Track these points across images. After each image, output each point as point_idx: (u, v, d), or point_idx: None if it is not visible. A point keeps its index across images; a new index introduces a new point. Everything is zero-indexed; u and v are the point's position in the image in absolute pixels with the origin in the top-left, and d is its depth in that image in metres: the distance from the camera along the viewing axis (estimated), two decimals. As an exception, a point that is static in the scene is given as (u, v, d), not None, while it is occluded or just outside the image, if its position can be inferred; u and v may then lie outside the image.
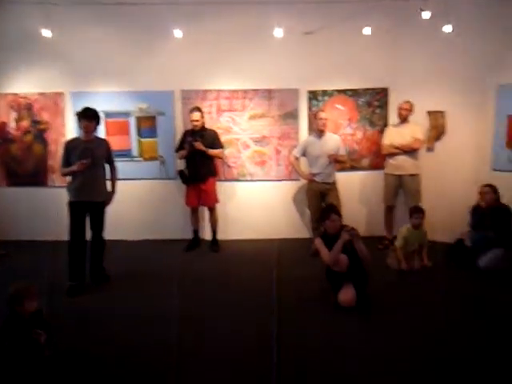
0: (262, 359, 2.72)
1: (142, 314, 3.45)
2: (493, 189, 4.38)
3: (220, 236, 5.42)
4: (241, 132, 5.49)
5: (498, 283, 4.00)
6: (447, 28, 4.35)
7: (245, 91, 5.40)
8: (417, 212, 4.39)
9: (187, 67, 5.30)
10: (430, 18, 4.51)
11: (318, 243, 3.66)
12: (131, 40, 5.28)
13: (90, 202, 3.95)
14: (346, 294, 3.47)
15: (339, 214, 3.72)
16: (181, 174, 5.07)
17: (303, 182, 5.27)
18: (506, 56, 4.60)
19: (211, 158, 5.06)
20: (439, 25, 4.60)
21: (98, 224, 4.07)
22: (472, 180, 4.90)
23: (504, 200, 4.37)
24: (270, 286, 3.99)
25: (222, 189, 5.48)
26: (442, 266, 4.40)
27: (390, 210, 5.14)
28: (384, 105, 5.41)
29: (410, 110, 4.85)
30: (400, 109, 4.87)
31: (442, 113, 5.17)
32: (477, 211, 4.46)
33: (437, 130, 5.21)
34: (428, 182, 5.01)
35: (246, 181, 5.60)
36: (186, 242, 5.31)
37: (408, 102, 4.84)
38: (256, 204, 5.61)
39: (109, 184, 4.18)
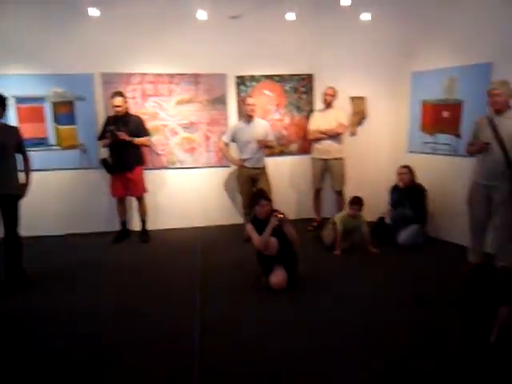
0: (188, 340, 2.76)
1: (69, 312, 3.25)
2: (409, 169, 4.70)
3: (150, 226, 5.26)
4: (168, 118, 5.31)
5: (415, 256, 4.34)
6: (365, 16, 4.52)
7: (171, 75, 5.22)
8: (354, 204, 4.49)
9: (107, 49, 4.98)
10: (350, 5, 4.66)
11: (249, 229, 3.68)
12: (41, 17, 4.83)
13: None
14: (277, 277, 3.54)
15: (269, 199, 3.76)
16: (104, 162, 4.79)
17: (234, 168, 5.26)
18: (418, 44, 4.89)
19: (138, 146, 4.85)
20: (359, 12, 4.77)
21: (12, 219, 3.71)
22: (390, 162, 5.22)
23: (419, 179, 4.72)
24: (200, 272, 3.97)
25: (151, 177, 5.30)
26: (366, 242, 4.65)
27: (317, 193, 5.33)
28: (310, 91, 5.54)
29: (334, 95, 5.01)
30: (324, 94, 5.02)
31: (363, 98, 5.43)
32: (395, 191, 4.77)
33: (359, 116, 5.46)
34: (351, 164, 5.25)
35: (176, 168, 5.46)
36: (113, 235, 5.08)
37: (331, 87, 5.00)
38: (187, 192, 5.51)
39: (22, 175, 3.83)
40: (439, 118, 4.71)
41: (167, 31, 5.04)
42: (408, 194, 4.68)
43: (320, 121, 5.04)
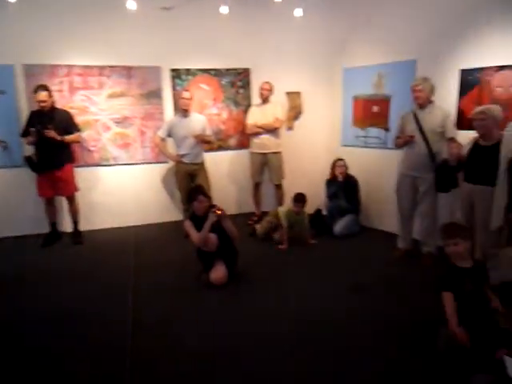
0: (120, 342, 2.69)
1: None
2: (343, 162, 4.89)
3: (85, 226, 4.99)
4: (99, 112, 5.04)
5: (350, 245, 4.53)
6: (298, 12, 4.60)
7: (101, 68, 4.95)
8: (298, 201, 4.56)
9: (29, 38, 4.60)
10: (283, 1, 4.71)
11: (187, 225, 3.62)
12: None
13: None
14: (217, 273, 3.52)
15: (207, 195, 3.71)
16: (28, 160, 4.44)
17: (171, 163, 5.14)
18: (348, 41, 5.07)
19: (67, 143, 4.56)
20: (291, 8, 4.84)
21: None
22: (326, 155, 5.39)
23: (352, 172, 4.92)
24: (137, 272, 3.85)
25: (83, 175, 5.02)
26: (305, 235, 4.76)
27: (257, 187, 5.37)
28: (247, 85, 5.54)
29: (270, 90, 5.05)
30: (261, 89, 5.04)
31: (298, 94, 5.54)
32: (330, 183, 4.94)
33: (295, 110, 5.57)
34: (289, 158, 5.34)
35: (110, 165, 5.21)
36: (42, 237, 4.75)
37: (268, 82, 5.03)
38: (123, 189, 5.29)
39: None
40: (369, 112, 4.94)
41: (95, 20, 4.77)
42: (343, 186, 4.87)
43: (257, 115, 5.07)
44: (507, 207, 3.10)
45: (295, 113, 5.57)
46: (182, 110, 4.74)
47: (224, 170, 5.64)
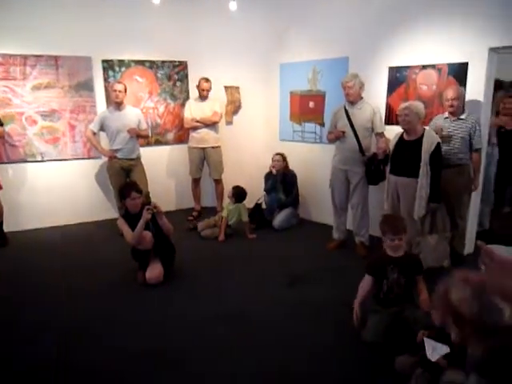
0: (47, 345, 2.54)
1: None
2: (282, 157, 4.95)
3: (10, 228, 4.63)
4: (24, 105, 4.69)
5: (289, 238, 4.61)
6: (232, 5, 4.57)
7: (24, 57, 4.60)
8: (234, 193, 4.61)
9: None
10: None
11: (120, 223, 3.48)
12: None
13: None
14: (153, 271, 3.43)
15: (140, 191, 3.59)
16: None
17: (105, 159, 4.91)
18: (285, 36, 5.12)
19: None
20: (227, 0, 4.79)
21: None
22: (265, 150, 5.42)
23: (290, 166, 5.00)
24: (69, 274, 3.65)
25: (8, 172, 4.66)
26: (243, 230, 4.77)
27: (196, 182, 5.29)
28: (184, 78, 5.43)
29: (210, 90, 4.97)
30: (200, 89, 4.94)
31: (237, 88, 5.52)
32: (269, 177, 4.99)
33: (234, 105, 5.54)
34: (228, 153, 5.33)
35: (37, 161, 4.87)
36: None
37: (207, 81, 4.94)
38: (53, 187, 4.97)
39: None
40: (306, 108, 5.04)
41: (17, 6, 4.42)
42: (281, 179, 4.94)
43: (196, 110, 4.98)
44: (429, 198, 3.31)
45: (234, 107, 5.55)
46: (115, 103, 4.54)
47: (162, 165, 5.50)
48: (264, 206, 5.05)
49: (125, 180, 4.67)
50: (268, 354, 2.51)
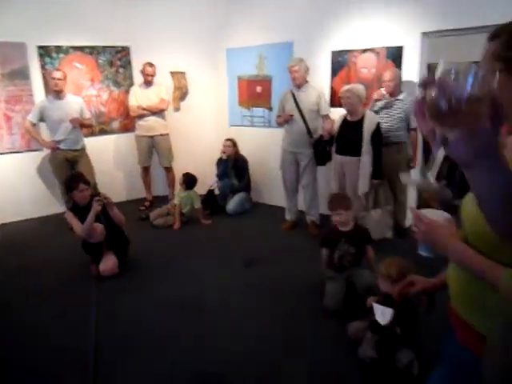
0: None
1: None
2: (232, 142, 4.98)
3: None
4: (-50, 95, 4.35)
5: (243, 222, 4.69)
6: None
7: None
8: (185, 180, 4.59)
9: None
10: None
11: (69, 217, 3.37)
12: None
13: None
14: (107, 263, 3.37)
15: (88, 183, 3.48)
16: None
17: (46, 151, 4.67)
18: (230, 21, 5.10)
19: None
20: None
21: None
22: (215, 135, 5.43)
23: (241, 151, 5.05)
24: (14, 274, 3.49)
25: None
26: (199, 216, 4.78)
27: (146, 171, 5.20)
28: (127, 64, 5.27)
29: (154, 75, 4.86)
30: (144, 73, 4.82)
31: (183, 74, 5.44)
32: (221, 163, 5.01)
33: (180, 91, 5.47)
34: (178, 140, 5.27)
35: (-30, 156, 4.56)
36: None
37: (150, 65, 4.82)
38: (-10, 183, 4.68)
39: None
40: (254, 92, 5.08)
41: None
42: (233, 165, 4.98)
43: (141, 97, 4.86)
44: (371, 175, 3.51)
45: (181, 93, 5.47)
46: (54, 92, 4.32)
47: (109, 155, 5.33)
48: (217, 191, 5.08)
49: (70, 172, 4.49)
50: (226, 335, 2.59)
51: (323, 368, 2.27)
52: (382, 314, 2.12)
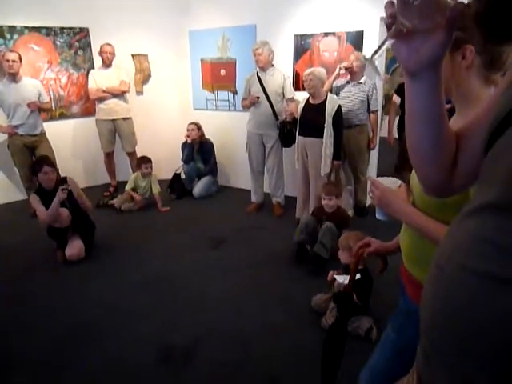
0: None
1: None
2: (197, 126, 4.96)
3: None
4: None
5: (210, 205, 4.74)
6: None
7: None
8: (145, 162, 4.57)
9: None
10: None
11: (33, 200, 3.30)
12: None
13: None
14: (73, 248, 3.34)
15: (53, 165, 3.40)
16: None
17: (3, 136, 4.49)
18: (194, 2, 5.03)
19: None
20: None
21: None
22: (180, 119, 5.39)
23: (206, 134, 5.05)
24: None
25: None
26: (166, 200, 4.76)
27: (109, 156, 5.10)
28: (87, 46, 5.10)
29: (113, 53, 4.74)
30: (102, 53, 4.69)
31: (145, 56, 5.33)
32: (186, 146, 4.99)
33: (143, 74, 5.37)
34: (141, 124, 5.19)
35: None
36: None
37: (109, 44, 4.70)
38: None
39: None
40: (218, 75, 5.08)
41: None
42: (198, 149, 4.98)
43: (101, 79, 4.74)
44: (332, 156, 3.64)
45: (143, 76, 5.37)
46: (9, 75, 4.14)
47: (69, 139, 5.19)
48: (183, 175, 5.08)
49: (30, 158, 4.36)
50: (194, 314, 2.66)
51: (285, 338, 2.39)
52: (344, 280, 2.25)
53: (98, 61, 5.02)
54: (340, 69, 3.88)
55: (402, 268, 1.23)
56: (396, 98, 4.74)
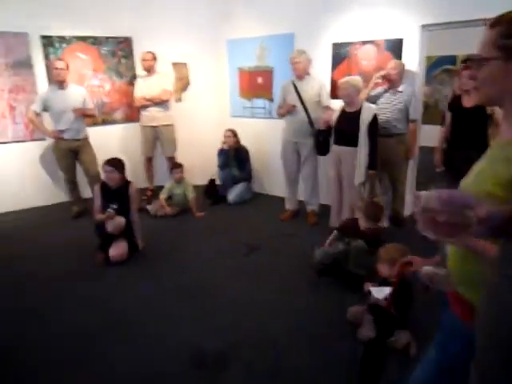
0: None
1: None
2: (233, 133, 5.04)
3: None
4: (-45, 85, 4.38)
5: (244, 211, 4.77)
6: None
7: (-49, 32, 4.27)
8: (176, 167, 4.67)
9: None
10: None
11: (95, 191, 3.56)
12: None
13: None
14: (118, 249, 3.45)
15: (115, 166, 3.54)
16: None
17: (50, 141, 4.72)
18: (231, 12, 5.14)
19: None
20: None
21: None
22: (217, 126, 5.47)
23: (242, 141, 5.11)
24: (18, 261, 3.56)
25: None
26: (201, 205, 4.84)
27: (149, 161, 5.25)
28: (129, 55, 5.30)
29: (153, 60, 4.86)
30: (142, 60, 4.85)
31: (185, 64, 5.47)
32: (222, 153, 5.07)
33: (182, 82, 5.51)
34: (180, 130, 5.31)
35: (-26, 145, 4.60)
36: None
37: (149, 52, 4.85)
38: (-7, 172, 4.73)
39: None
40: (254, 83, 5.13)
41: None
42: (234, 155, 5.04)
43: (144, 88, 4.90)
44: (368, 165, 3.58)
45: (182, 84, 5.51)
46: (57, 82, 4.36)
47: (111, 144, 5.36)
48: (218, 181, 5.15)
49: (73, 161, 4.56)
50: (229, 320, 2.68)
51: (323, 345, 2.36)
52: (380, 292, 2.21)
53: (140, 69, 5.19)
54: (376, 78, 3.84)
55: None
56: (447, 114, 4.34)
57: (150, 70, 4.89)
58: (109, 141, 5.32)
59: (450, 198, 0.73)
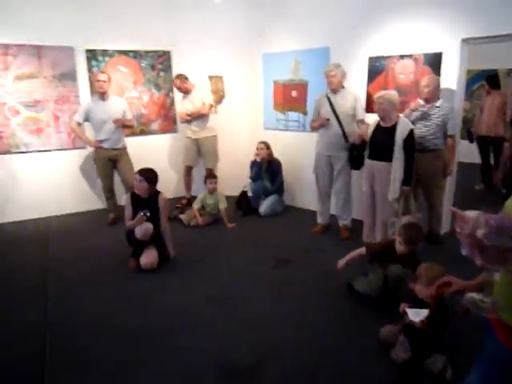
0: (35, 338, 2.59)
1: None
2: (266, 145, 5.07)
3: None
4: (6, 95, 4.65)
5: (275, 223, 4.76)
6: (217, -3, 4.63)
7: (5, 46, 4.55)
8: (210, 177, 4.74)
9: None
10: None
11: (126, 202, 3.62)
12: None
13: None
14: (148, 257, 3.52)
15: (145, 175, 3.60)
16: None
17: (90, 149, 4.92)
18: (266, 27, 5.20)
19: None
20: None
21: None
22: (250, 138, 5.52)
23: (275, 154, 5.13)
24: (55, 265, 3.69)
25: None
26: (232, 216, 4.87)
27: (188, 171, 5.34)
28: (168, 68, 5.46)
29: (181, 83, 4.94)
30: (176, 87, 5.02)
31: (220, 77, 5.58)
32: (254, 165, 5.10)
33: (218, 94, 5.61)
34: (215, 142, 5.40)
35: (21, 153, 4.84)
36: None
37: (177, 77, 4.95)
38: (37, 178, 4.96)
39: None
40: (289, 97, 5.16)
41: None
42: (266, 167, 5.07)
43: (186, 103, 5.04)
44: (402, 181, 3.50)
45: (218, 97, 5.61)
46: (99, 93, 4.55)
47: (148, 155, 5.49)
48: (250, 193, 5.18)
49: (111, 170, 4.72)
50: (255, 330, 2.67)
51: (351, 367, 2.30)
52: (416, 314, 2.14)
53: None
54: (411, 110, 3.76)
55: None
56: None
57: (188, 92, 5.02)
58: (145, 151, 5.46)
59: (501, 224, 0.70)
